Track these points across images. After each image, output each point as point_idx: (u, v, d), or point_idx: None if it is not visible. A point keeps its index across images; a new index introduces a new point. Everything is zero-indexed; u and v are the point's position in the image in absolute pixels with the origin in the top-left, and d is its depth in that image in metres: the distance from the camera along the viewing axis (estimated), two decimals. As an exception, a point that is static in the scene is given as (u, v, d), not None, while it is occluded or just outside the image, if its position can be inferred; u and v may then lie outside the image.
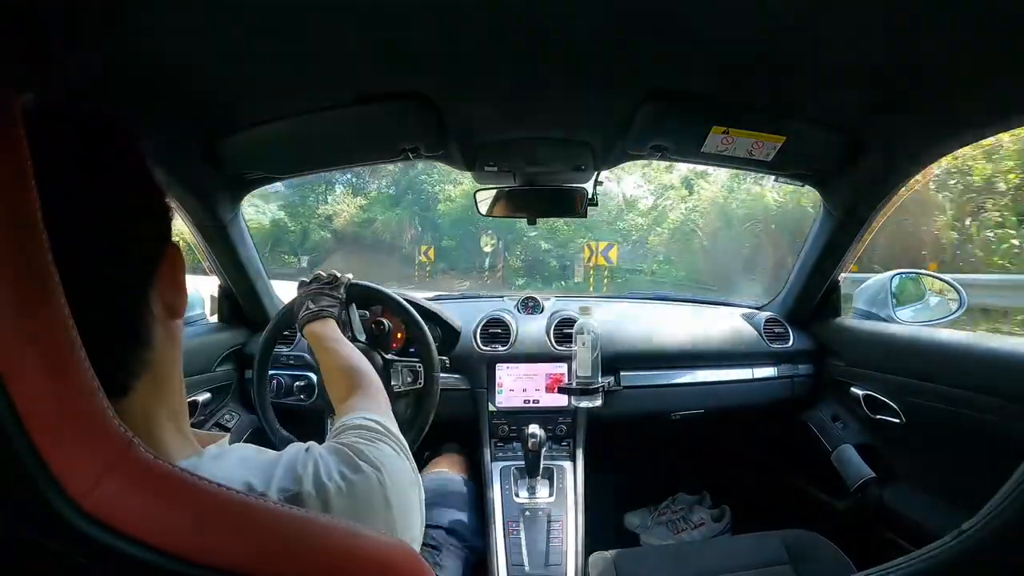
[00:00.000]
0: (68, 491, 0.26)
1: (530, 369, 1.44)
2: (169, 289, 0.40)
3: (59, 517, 0.26)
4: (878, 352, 1.29)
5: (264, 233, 13.92)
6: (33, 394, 0.25)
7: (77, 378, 0.27)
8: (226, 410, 1.39)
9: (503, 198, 1.32)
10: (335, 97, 0.91)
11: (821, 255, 1.36)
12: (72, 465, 0.26)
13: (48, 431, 0.25)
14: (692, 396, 1.47)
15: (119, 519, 0.27)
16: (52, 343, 0.26)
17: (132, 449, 0.28)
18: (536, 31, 0.71)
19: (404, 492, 0.46)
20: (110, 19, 0.63)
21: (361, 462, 0.44)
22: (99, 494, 0.26)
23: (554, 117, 1.03)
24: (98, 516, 0.26)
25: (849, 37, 0.72)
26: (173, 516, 0.28)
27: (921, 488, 1.18)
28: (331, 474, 0.41)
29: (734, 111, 0.95)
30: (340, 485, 0.41)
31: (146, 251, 0.39)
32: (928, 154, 1.01)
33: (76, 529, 0.26)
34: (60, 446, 0.26)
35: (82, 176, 0.35)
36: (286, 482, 0.39)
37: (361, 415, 0.54)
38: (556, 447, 1.40)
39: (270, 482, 0.38)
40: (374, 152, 1.16)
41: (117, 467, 0.27)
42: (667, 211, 11.41)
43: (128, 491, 0.27)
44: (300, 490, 0.39)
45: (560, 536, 1.21)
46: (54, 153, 0.34)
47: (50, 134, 0.35)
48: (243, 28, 0.68)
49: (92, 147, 0.37)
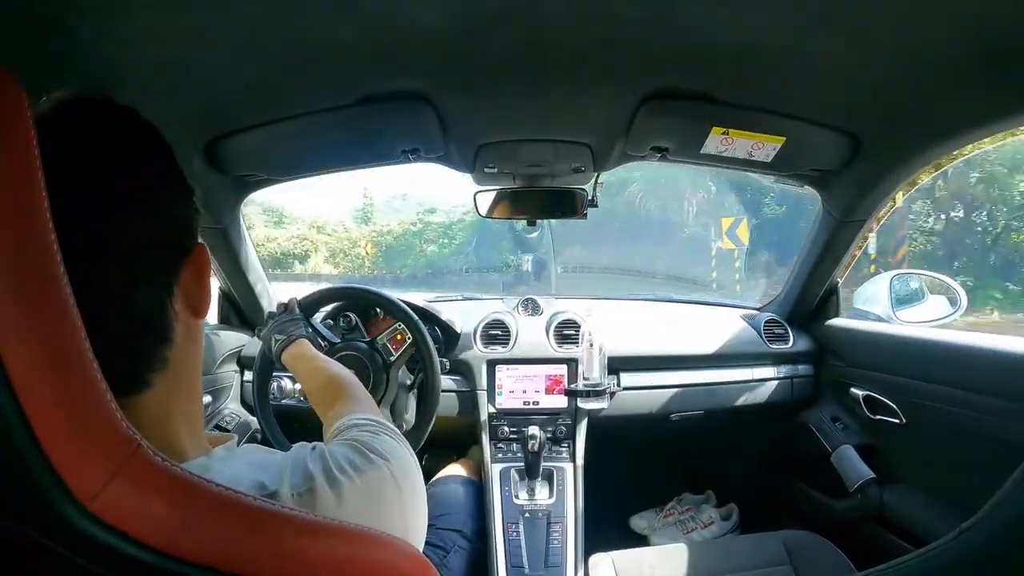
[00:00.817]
0: (75, 493, 0.25)
1: (530, 371, 1.44)
2: (193, 288, 0.40)
3: (66, 520, 0.25)
4: (878, 353, 1.29)
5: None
6: (40, 395, 0.25)
7: (84, 379, 0.27)
8: (226, 411, 1.39)
9: (503, 199, 1.32)
10: (335, 99, 0.91)
11: (820, 256, 1.36)
12: (79, 467, 0.26)
13: (54, 432, 0.25)
14: (692, 397, 1.47)
15: (127, 522, 0.26)
16: (59, 344, 0.26)
17: (140, 452, 0.28)
18: (536, 32, 0.71)
19: (412, 479, 0.47)
20: (112, 20, 0.63)
21: (371, 453, 0.44)
22: (106, 497, 0.26)
23: (554, 118, 1.03)
24: (105, 519, 0.26)
25: (848, 39, 0.72)
26: (182, 520, 0.28)
27: (921, 488, 1.18)
28: (343, 466, 0.41)
29: (734, 112, 0.95)
30: (352, 476, 0.41)
31: (173, 248, 0.39)
32: (927, 155, 1.01)
33: (83, 532, 0.26)
34: (66, 447, 0.25)
35: (113, 169, 0.35)
36: (297, 479, 0.39)
37: (354, 416, 0.54)
38: (556, 448, 1.40)
39: (281, 481, 0.38)
40: (374, 154, 1.16)
41: (124, 470, 0.27)
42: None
43: (136, 494, 0.27)
44: (313, 486, 0.39)
45: (560, 537, 1.22)
46: (88, 146, 0.35)
47: (80, 128, 0.36)
48: (243, 30, 0.68)
49: (124, 141, 0.37)
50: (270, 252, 10.04)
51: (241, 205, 1.31)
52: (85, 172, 0.34)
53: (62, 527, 0.26)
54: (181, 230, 0.40)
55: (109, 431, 0.27)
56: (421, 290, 7.04)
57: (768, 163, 1.07)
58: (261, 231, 10.15)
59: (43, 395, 0.25)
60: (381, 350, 1.15)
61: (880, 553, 1.21)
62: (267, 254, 9.53)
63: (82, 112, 0.37)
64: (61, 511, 0.25)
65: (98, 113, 0.37)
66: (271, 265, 9.47)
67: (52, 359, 0.25)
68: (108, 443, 0.27)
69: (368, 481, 0.42)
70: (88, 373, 0.27)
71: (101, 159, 0.35)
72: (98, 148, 0.36)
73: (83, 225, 0.33)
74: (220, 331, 1.45)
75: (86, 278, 0.30)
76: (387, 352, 1.16)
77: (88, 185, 0.34)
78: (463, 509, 1.24)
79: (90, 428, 0.26)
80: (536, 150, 1.15)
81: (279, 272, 10.03)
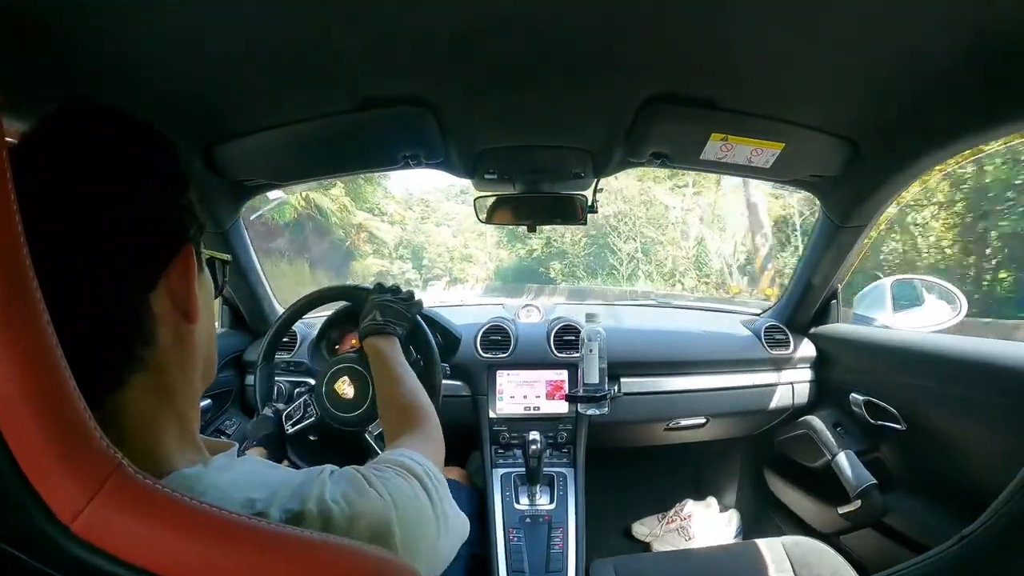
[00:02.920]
0: (56, 514, 0.25)
1: (530, 376, 1.44)
2: (180, 290, 0.40)
3: (50, 540, 0.25)
4: (878, 358, 1.29)
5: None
6: (16, 414, 0.25)
7: (61, 396, 0.26)
8: (226, 416, 1.39)
9: (503, 205, 1.33)
10: (335, 103, 0.91)
11: (820, 262, 1.36)
12: (58, 487, 0.25)
13: (31, 451, 0.25)
14: (693, 402, 1.47)
15: (111, 542, 0.26)
16: (35, 360, 0.26)
17: (120, 470, 0.27)
18: (535, 38, 0.72)
19: (416, 529, 0.44)
20: (109, 24, 0.63)
21: (369, 488, 0.43)
22: (88, 517, 0.26)
23: (553, 124, 1.04)
24: (88, 540, 0.26)
25: (847, 46, 0.73)
26: (165, 539, 0.27)
27: (922, 494, 1.18)
28: (335, 496, 0.40)
29: (733, 118, 0.95)
30: (343, 507, 0.40)
31: (155, 245, 0.39)
32: (925, 161, 1.01)
33: (68, 553, 0.26)
34: (45, 467, 0.25)
35: (88, 170, 0.36)
36: (291, 503, 0.38)
37: (406, 453, 0.52)
38: (556, 454, 1.40)
39: (273, 500, 0.38)
40: (374, 160, 1.16)
41: (105, 489, 0.27)
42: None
43: (118, 513, 0.27)
44: (303, 509, 0.38)
45: (561, 543, 1.21)
46: (69, 148, 0.36)
47: (67, 131, 0.37)
48: (242, 34, 0.68)
49: (116, 144, 0.38)
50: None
51: (242, 209, 1.32)
52: (62, 169, 0.35)
53: (47, 548, 0.25)
54: (164, 231, 0.39)
55: (88, 450, 0.27)
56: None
57: (767, 169, 1.07)
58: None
59: (19, 413, 0.25)
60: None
61: (881, 559, 1.20)
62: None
63: (69, 116, 0.38)
64: (44, 532, 0.25)
65: (86, 117, 0.38)
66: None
67: (27, 376, 0.25)
68: (87, 462, 0.27)
69: (357, 513, 0.40)
70: (65, 390, 0.27)
71: (93, 161, 0.36)
72: (97, 151, 0.37)
73: (58, 221, 0.34)
74: (220, 336, 1.45)
75: (58, 270, 0.31)
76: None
77: (64, 180, 0.35)
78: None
79: (68, 447, 0.26)
80: (536, 156, 1.15)
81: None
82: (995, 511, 0.69)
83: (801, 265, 1.45)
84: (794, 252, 6.84)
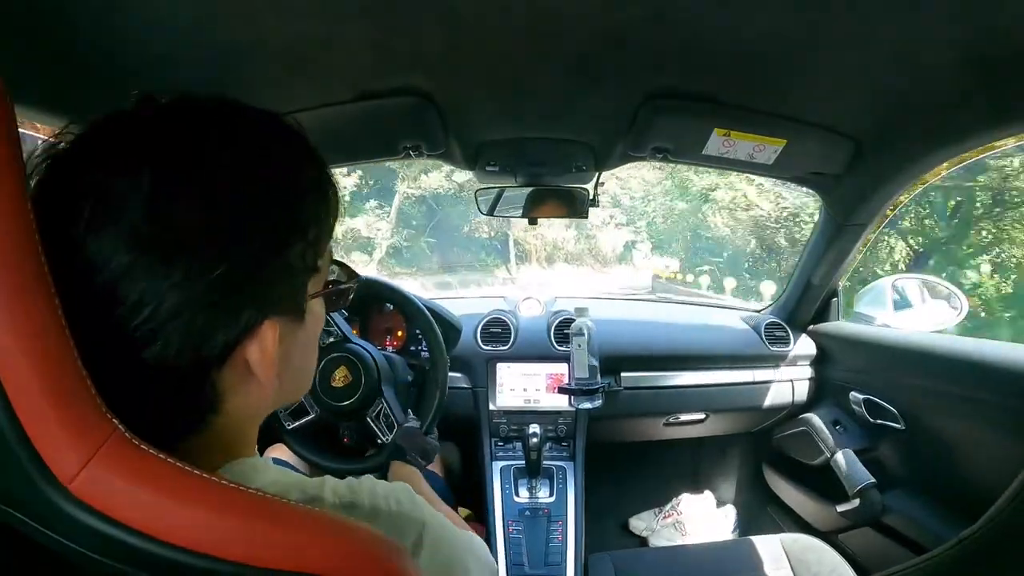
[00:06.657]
0: (54, 474, 0.26)
1: (530, 368, 1.44)
2: (256, 363, 0.35)
3: (49, 501, 0.26)
4: (879, 357, 1.29)
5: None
6: (21, 376, 0.25)
7: (62, 360, 0.27)
8: None
9: (504, 197, 1.33)
10: (336, 94, 0.91)
11: (822, 259, 1.36)
12: (57, 447, 0.26)
13: (35, 412, 0.26)
14: (692, 398, 1.47)
15: (109, 504, 0.27)
16: (39, 329, 0.26)
17: (116, 435, 0.28)
18: (538, 30, 0.72)
19: (444, 555, 0.43)
20: (112, 13, 0.63)
21: (419, 500, 0.43)
22: (86, 478, 0.26)
23: (555, 117, 1.03)
24: (87, 501, 0.26)
25: (851, 44, 0.72)
26: (162, 502, 0.28)
27: (921, 494, 1.18)
28: (387, 497, 0.41)
29: (736, 114, 0.95)
30: (392, 507, 0.40)
31: (233, 308, 0.33)
32: (929, 161, 1.01)
33: (66, 514, 0.26)
34: (46, 427, 0.26)
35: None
36: (342, 489, 0.39)
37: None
38: (556, 447, 1.40)
39: (323, 487, 0.38)
40: (376, 150, 1.16)
41: (102, 452, 0.27)
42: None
43: (116, 477, 0.27)
44: (355, 500, 0.38)
45: (560, 536, 1.22)
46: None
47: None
48: (242, 24, 0.68)
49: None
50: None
51: None
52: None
53: (45, 508, 0.26)
54: (246, 299, 0.33)
55: (87, 414, 0.27)
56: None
57: (769, 166, 1.07)
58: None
59: (24, 375, 0.25)
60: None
61: (879, 558, 1.20)
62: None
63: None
64: (43, 492, 0.26)
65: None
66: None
67: (35, 343, 0.26)
68: (86, 425, 0.27)
69: (404, 517, 0.40)
70: (67, 356, 0.27)
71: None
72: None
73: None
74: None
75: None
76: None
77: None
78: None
79: (68, 410, 0.27)
80: (538, 149, 1.15)
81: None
82: (993, 516, 0.69)
83: (803, 262, 1.44)
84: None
